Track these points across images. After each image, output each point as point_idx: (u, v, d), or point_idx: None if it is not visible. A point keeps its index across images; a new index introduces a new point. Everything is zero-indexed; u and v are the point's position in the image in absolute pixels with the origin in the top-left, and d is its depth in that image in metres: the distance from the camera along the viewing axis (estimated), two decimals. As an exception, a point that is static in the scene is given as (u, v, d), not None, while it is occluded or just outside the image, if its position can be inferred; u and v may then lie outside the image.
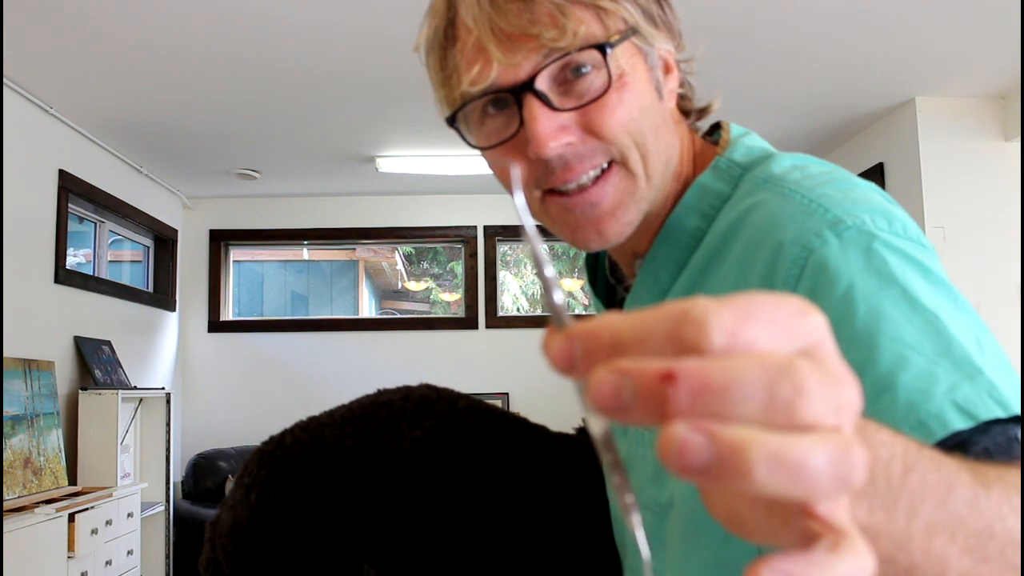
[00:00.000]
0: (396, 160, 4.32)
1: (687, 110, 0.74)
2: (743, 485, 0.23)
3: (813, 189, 0.60)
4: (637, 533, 0.26)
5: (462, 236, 5.16)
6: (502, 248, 5.31)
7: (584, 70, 0.62)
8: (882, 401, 0.48)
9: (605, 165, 0.64)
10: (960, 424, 0.45)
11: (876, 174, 3.89)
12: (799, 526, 0.25)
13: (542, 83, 0.62)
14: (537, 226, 0.72)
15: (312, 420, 0.93)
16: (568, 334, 0.26)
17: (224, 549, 0.85)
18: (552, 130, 0.62)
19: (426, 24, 0.68)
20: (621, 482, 0.26)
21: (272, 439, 0.93)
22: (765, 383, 0.23)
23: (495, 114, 0.65)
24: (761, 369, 0.23)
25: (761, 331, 0.25)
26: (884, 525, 0.33)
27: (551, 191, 0.65)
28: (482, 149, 0.68)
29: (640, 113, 0.64)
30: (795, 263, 0.56)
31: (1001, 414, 0.46)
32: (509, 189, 0.68)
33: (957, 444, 0.45)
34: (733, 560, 0.60)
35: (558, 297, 0.27)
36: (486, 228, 5.13)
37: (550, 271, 0.27)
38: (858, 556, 0.24)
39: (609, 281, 0.82)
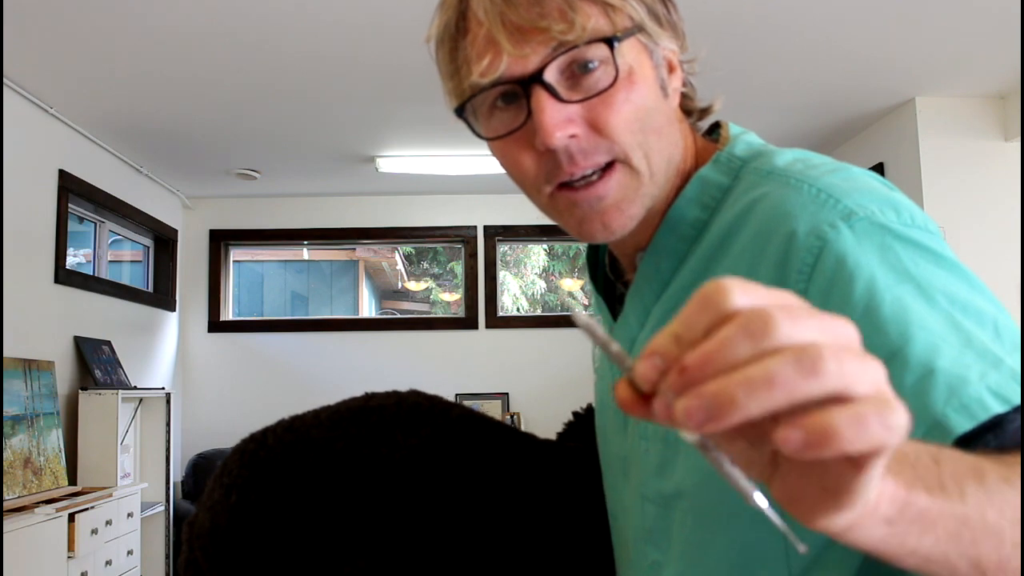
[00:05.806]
0: (396, 160, 4.32)
1: (689, 110, 0.76)
2: (742, 414, 0.31)
3: (819, 179, 0.62)
4: (767, 509, 0.34)
5: (462, 236, 5.16)
6: (502, 248, 5.31)
7: (591, 65, 0.64)
8: (923, 384, 0.50)
9: (606, 163, 0.66)
10: (998, 408, 0.48)
11: (876, 174, 3.88)
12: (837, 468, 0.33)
13: (550, 75, 0.63)
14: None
15: (296, 420, 0.91)
16: (651, 352, 0.34)
17: (204, 550, 0.83)
18: (559, 120, 0.63)
19: (437, 16, 0.69)
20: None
21: (253, 438, 0.91)
22: (743, 338, 0.32)
23: (504, 108, 0.67)
24: (738, 328, 0.32)
25: (748, 298, 0.33)
26: (944, 504, 0.38)
27: (560, 186, 0.67)
28: (490, 140, 0.69)
29: (645, 111, 0.66)
30: (809, 252, 0.58)
31: None
32: (516, 181, 0.71)
33: (990, 427, 0.48)
34: (760, 543, 0.62)
35: (629, 363, 0.36)
36: (486, 228, 5.13)
37: (615, 347, 0.36)
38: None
39: (609, 277, 0.83)
